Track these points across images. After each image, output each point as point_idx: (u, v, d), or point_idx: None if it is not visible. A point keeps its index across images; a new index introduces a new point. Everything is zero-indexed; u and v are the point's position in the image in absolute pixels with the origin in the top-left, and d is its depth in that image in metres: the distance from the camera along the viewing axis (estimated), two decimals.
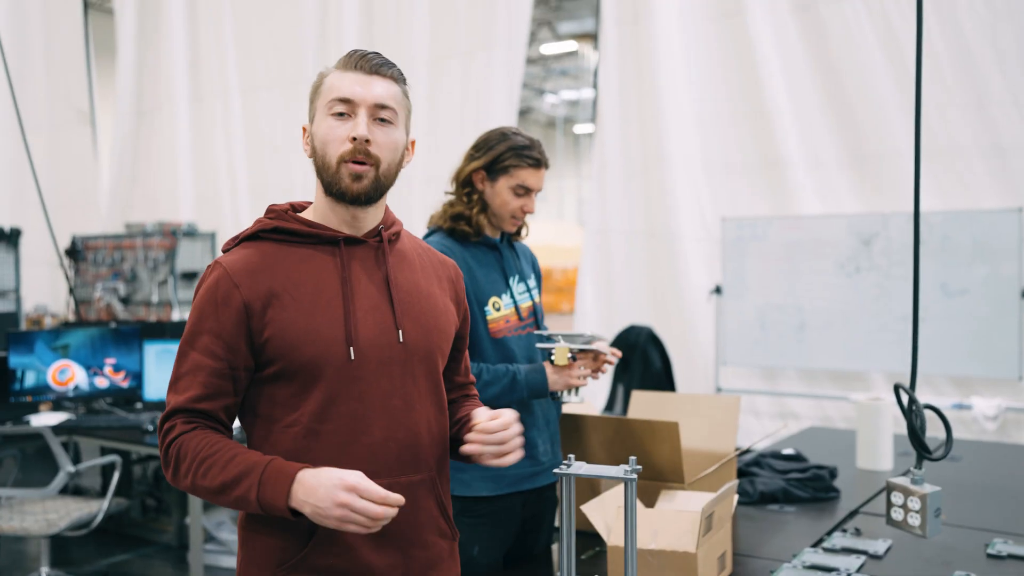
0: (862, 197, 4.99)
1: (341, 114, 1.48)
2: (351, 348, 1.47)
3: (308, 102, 1.55)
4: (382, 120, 1.50)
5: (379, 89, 1.49)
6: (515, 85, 5.98)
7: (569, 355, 2.26)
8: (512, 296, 2.36)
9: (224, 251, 1.56)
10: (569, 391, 2.32)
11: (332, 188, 1.50)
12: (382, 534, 1.46)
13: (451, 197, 2.38)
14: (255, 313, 1.45)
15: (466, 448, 1.53)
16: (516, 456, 1.52)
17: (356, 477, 1.36)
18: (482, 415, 1.54)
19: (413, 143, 1.60)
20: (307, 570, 1.46)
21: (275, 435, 1.48)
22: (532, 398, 2.28)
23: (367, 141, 1.47)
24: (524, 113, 21.60)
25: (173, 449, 1.44)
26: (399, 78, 1.54)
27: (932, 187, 4.62)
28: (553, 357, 2.27)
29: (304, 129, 1.56)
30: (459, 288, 1.71)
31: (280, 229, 1.52)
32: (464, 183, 2.34)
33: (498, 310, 2.32)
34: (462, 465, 1.99)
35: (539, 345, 2.32)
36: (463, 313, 1.71)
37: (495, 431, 1.49)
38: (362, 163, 1.48)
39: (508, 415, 1.53)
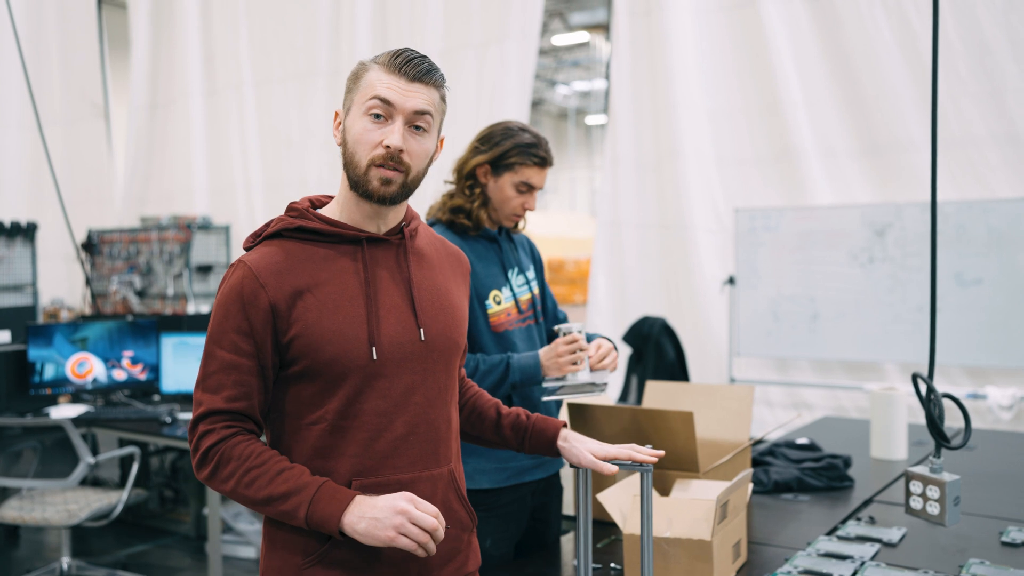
0: (876, 187, 4.97)
1: (377, 115, 1.48)
2: (373, 348, 1.49)
3: (344, 89, 1.54)
4: (417, 127, 1.50)
5: (419, 99, 1.49)
6: (528, 76, 5.96)
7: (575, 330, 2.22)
8: (511, 289, 2.36)
9: (245, 248, 1.57)
10: (575, 386, 2.22)
11: (359, 188, 1.51)
12: None
13: (451, 187, 2.38)
14: (281, 313, 1.47)
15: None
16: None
17: (411, 495, 1.43)
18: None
19: (442, 141, 1.60)
20: (329, 563, 1.48)
21: (301, 432, 1.50)
22: (525, 383, 2.23)
23: (400, 150, 1.48)
24: (536, 104, 21.55)
25: (214, 453, 1.46)
26: (441, 83, 1.54)
27: (946, 177, 4.61)
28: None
29: (336, 114, 1.56)
30: (468, 281, 1.75)
31: (303, 228, 1.53)
32: (467, 176, 2.35)
33: (499, 303, 2.32)
34: (462, 457, 1.99)
35: (554, 328, 2.30)
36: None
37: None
38: (393, 169, 1.49)
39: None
